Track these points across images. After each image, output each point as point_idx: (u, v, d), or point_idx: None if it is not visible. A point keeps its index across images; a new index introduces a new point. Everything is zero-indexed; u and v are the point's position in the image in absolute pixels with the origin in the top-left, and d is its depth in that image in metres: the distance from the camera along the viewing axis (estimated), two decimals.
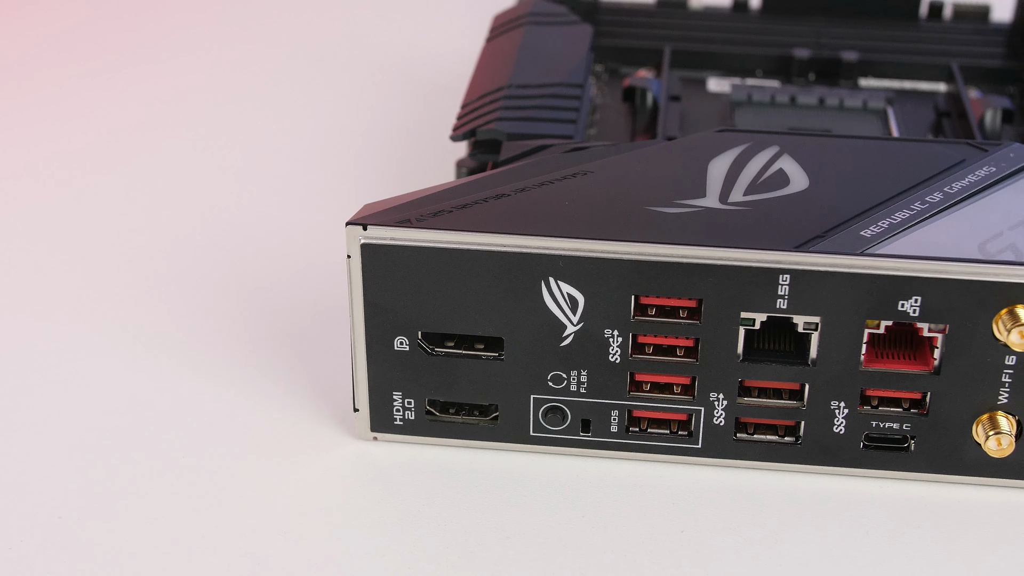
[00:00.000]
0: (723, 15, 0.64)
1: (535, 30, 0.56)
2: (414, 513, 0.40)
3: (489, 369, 0.41)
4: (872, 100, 0.56)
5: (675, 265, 0.39)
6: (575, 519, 0.40)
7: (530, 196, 0.41)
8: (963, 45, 0.62)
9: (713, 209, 0.41)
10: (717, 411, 0.41)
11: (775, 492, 0.41)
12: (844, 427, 0.41)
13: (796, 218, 0.40)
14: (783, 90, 0.57)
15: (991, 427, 0.40)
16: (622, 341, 0.40)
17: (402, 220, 0.40)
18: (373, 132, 0.62)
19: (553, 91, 0.51)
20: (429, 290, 0.40)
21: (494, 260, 0.39)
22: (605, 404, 0.41)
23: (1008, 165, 0.43)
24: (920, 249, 0.39)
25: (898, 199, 0.41)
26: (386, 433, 0.43)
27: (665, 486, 0.41)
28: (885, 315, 0.39)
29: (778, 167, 0.43)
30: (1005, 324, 0.38)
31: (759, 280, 0.39)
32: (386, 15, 0.76)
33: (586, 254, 0.39)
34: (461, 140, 0.49)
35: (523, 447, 0.42)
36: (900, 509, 0.40)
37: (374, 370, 0.41)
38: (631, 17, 0.64)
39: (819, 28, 0.63)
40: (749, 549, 0.39)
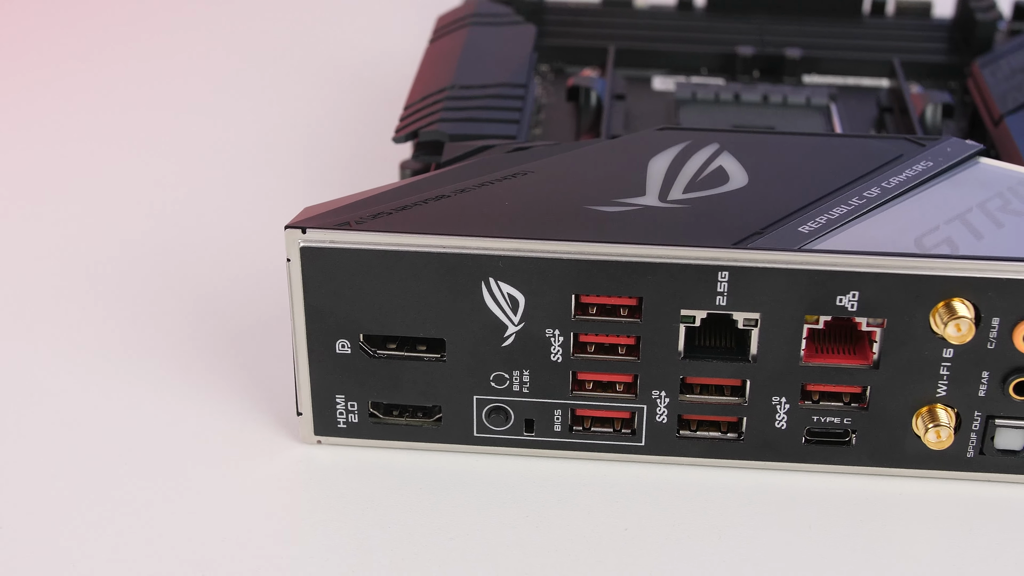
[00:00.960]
0: (668, 14, 0.65)
1: (478, 31, 0.56)
2: (358, 516, 0.40)
3: (431, 371, 0.41)
4: (815, 97, 0.57)
5: (614, 264, 0.39)
6: (520, 519, 0.40)
7: (470, 197, 0.41)
8: (905, 41, 0.62)
9: (652, 207, 0.41)
10: (660, 409, 0.41)
11: (718, 488, 0.41)
12: (785, 422, 0.41)
13: (735, 215, 0.40)
14: (727, 88, 0.57)
15: (930, 420, 0.40)
16: (563, 340, 0.40)
17: (341, 223, 0.40)
18: (319, 134, 0.62)
19: (496, 91, 0.51)
20: (369, 292, 0.40)
21: (433, 261, 0.39)
22: (548, 404, 0.41)
23: (945, 159, 0.43)
24: (857, 244, 0.39)
25: (836, 194, 0.41)
26: (330, 436, 0.42)
27: (609, 484, 0.41)
28: (823, 310, 0.39)
29: (718, 164, 0.43)
30: (942, 317, 0.39)
31: (698, 277, 0.39)
32: (332, 17, 0.76)
33: (525, 254, 0.39)
34: (403, 142, 0.49)
35: (467, 448, 0.42)
36: (842, 503, 0.41)
37: (316, 373, 0.41)
38: (577, 16, 0.64)
39: (763, 26, 0.63)
40: (692, 546, 0.39)
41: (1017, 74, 0.56)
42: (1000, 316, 0.39)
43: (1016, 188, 0.42)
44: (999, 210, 0.41)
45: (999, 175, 0.43)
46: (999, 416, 0.40)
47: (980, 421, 0.40)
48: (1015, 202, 0.41)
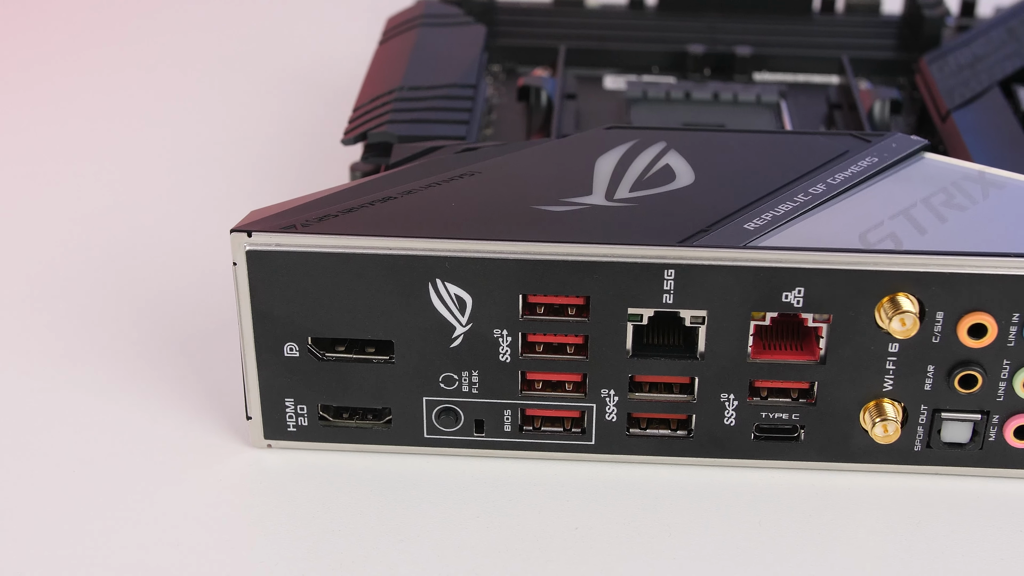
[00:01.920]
0: (620, 13, 0.65)
1: (428, 31, 0.56)
2: (308, 519, 0.40)
3: (380, 372, 0.41)
4: (765, 94, 0.57)
5: (561, 263, 0.39)
6: (470, 519, 0.40)
7: (417, 198, 0.41)
8: (855, 38, 0.63)
9: (599, 206, 0.41)
10: (609, 407, 0.41)
11: (668, 486, 0.41)
12: (734, 419, 0.41)
13: (681, 213, 0.40)
14: (678, 86, 0.58)
15: (877, 414, 0.40)
16: (512, 340, 0.40)
17: (287, 226, 0.40)
18: (270, 136, 0.62)
19: (445, 92, 0.51)
20: (317, 295, 0.40)
21: (380, 263, 0.39)
22: (497, 404, 0.41)
23: (890, 155, 0.44)
24: (802, 240, 0.39)
25: (782, 191, 0.41)
26: (280, 440, 0.42)
27: (560, 484, 0.41)
28: (770, 307, 0.39)
29: (664, 163, 0.43)
30: (887, 312, 0.39)
31: (644, 276, 0.39)
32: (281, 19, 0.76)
33: (472, 255, 0.39)
34: (352, 144, 0.49)
35: (418, 449, 0.42)
36: (791, 498, 0.41)
37: (265, 377, 0.41)
38: (528, 16, 0.64)
39: (714, 24, 0.63)
40: (643, 543, 0.39)
41: (964, 70, 0.56)
42: (944, 310, 0.39)
43: (960, 183, 0.42)
44: (943, 205, 0.41)
45: (943, 170, 0.43)
46: (945, 409, 0.40)
47: (926, 414, 0.41)
48: (959, 197, 0.42)
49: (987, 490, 0.41)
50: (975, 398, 0.40)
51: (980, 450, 0.41)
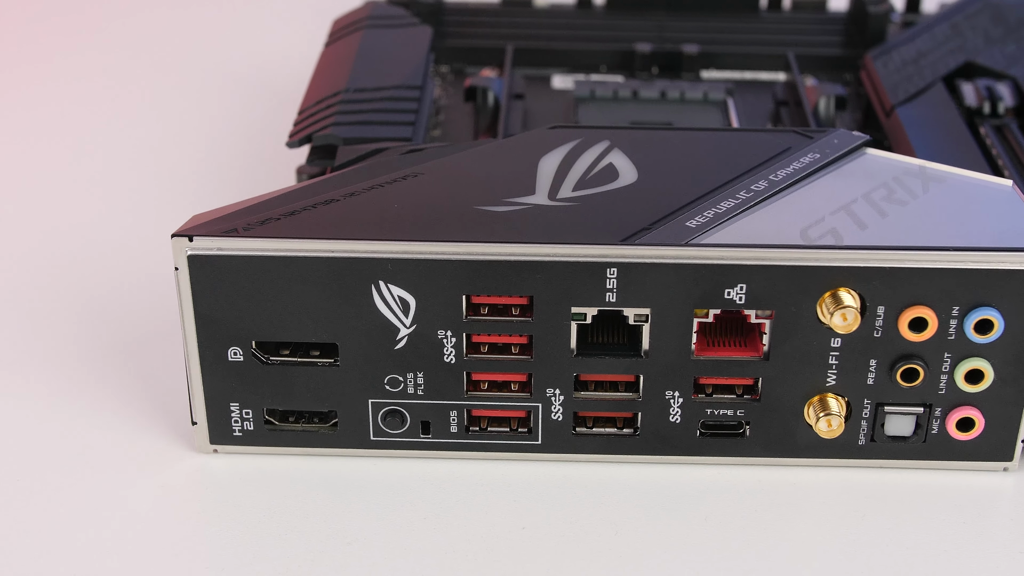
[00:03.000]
0: (567, 12, 0.65)
1: (373, 33, 0.56)
2: (255, 524, 0.40)
3: (325, 376, 0.41)
4: (712, 92, 0.57)
5: (503, 263, 0.39)
6: (417, 521, 0.40)
7: (359, 200, 0.41)
8: (801, 35, 0.63)
9: (542, 206, 0.41)
10: (555, 406, 0.41)
11: (615, 484, 0.41)
12: (680, 416, 0.41)
13: (624, 211, 0.40)
14: (626, 85, 0.58)
15: (821, 409, 0.40)
16: (456, 341, 0.40)
17: (228, 230, 0.40)
18: (216, 139, 0.61)
19: (391, 94, 0.51)
20: (260, 299, 0.40)
21: (322, 266, 0.39)
22: (443, 405, 0.41)
23: (832, 151, 0.44)
24: (744, 237, 0.39)
25: (724, 189, 0.42)
26: (226, 445, 0.42)
27: (507, 484, 0.41)
28: (712, 304, 0.39)
29: (608, 162, 0.43)
30: (828, 307, 0.39)
31: (587, 274, 0.39)
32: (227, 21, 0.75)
33: (415, 256, 0.39)
34: (297, 146, 0.49)
35: (364, 452, 0.42)
36: (737, 494, 0.41)
37: (209, 382, 0.41)
38: (476, 17, 0.64)
39: (662, 22, 0.63)
40: (590, 542, 0.39)
41: (908, 65, 0.57)
42: (885, 304, 0.39)
43: (901, 178, 0.43)
44: (884, 200, 0.41)
45: (885, 165, 0.43)
46: (888, 403, 0.41)
47: (870, 408, 0.41)
48: (899, 192, 0.42)
49: (931, 483, 0.41)
50: (917, 391, 0.40)
51: (923, 443, 0.41)
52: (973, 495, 0.41)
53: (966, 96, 0.55)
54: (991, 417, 0.41)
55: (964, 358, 0.40)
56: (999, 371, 0.40)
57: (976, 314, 0.39)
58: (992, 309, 0.39)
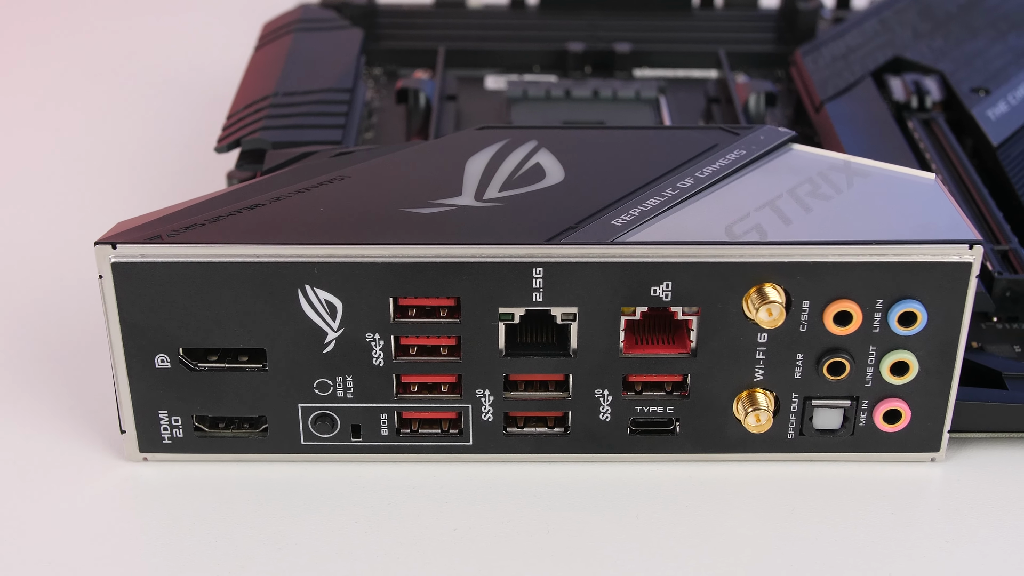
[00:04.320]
0: (501, 13, 0.65)
1: (303, 36, 0.56)
2: (185, 532, 0.39)
3: (254, 381, 0.41)
4: (644, 90, 0.57)
5: (429, 265, 0.39)
6: (348, 525, 0.40)
7: (285, 204, 0.41)
8: (733, 32, 0.63)
9: (468, 207, 0.41)
10: (485, 407, 0.41)
11: (547, 483, 0.41)
12: (610, 414, 0.41)
13: (550, 211, 0.41)
14: (558, 84, 0.58)
15: (750, 404, 0.41)
16: (384, 344, 0.40)
17: (152, 236, 0.39)
18: (146, 145, 0.61)
19: (320, 97, 0.51)
20: (185, 305, 0.39)
21: (247, 271, 0.39)
22: (373, 408, 0.41)
23: (758, 147, 0.44)
24: (669, 235, 0.40)
25: (650, 186, 0.42)
26: (156, 453, 0.42)
27: (439, 486, 0.41)
28: (639, 301, 0.40)
29: (535, 162, 0.43)
30: (754, 303, 0.39)
31: (513, 275, 0.39)
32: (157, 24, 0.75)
33: (340, 260, 0.39)
34: (226, 151, 0.48)
35: (295, 457, 0.42)
36: (668, 490, 0.41)
37: (137, 390, 0.41)
38: (409, 19, 0.64)
39: (595, 22, 0.64)
40: (521, 541, 0.39)
41: (837, 61, 0.57)
42: (810, 299, 0.39)
43: (826, 173, 0.43)
44: (808, 195, 0.42)
45: (810, 161, 0.44)
46: (816, 397, 0.41)
47: (798, 402, 0.41)
48: (824, 186, 0.42)
49: (859, 474, 0.42)
50: (844, 384, 0.41)
51: (852, 435, 0.42)
52: (901, 486, 0.41)
53: (894, 91, 0.55)
54: (917, 409, 0.41)
55: (889, 351, 0.40)
56: (924, 363, 0.40)
57: (900, 307, 0.39)
58: (915, 302, 0.39)
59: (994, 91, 0.55)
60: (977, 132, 0.53)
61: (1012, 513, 0.40)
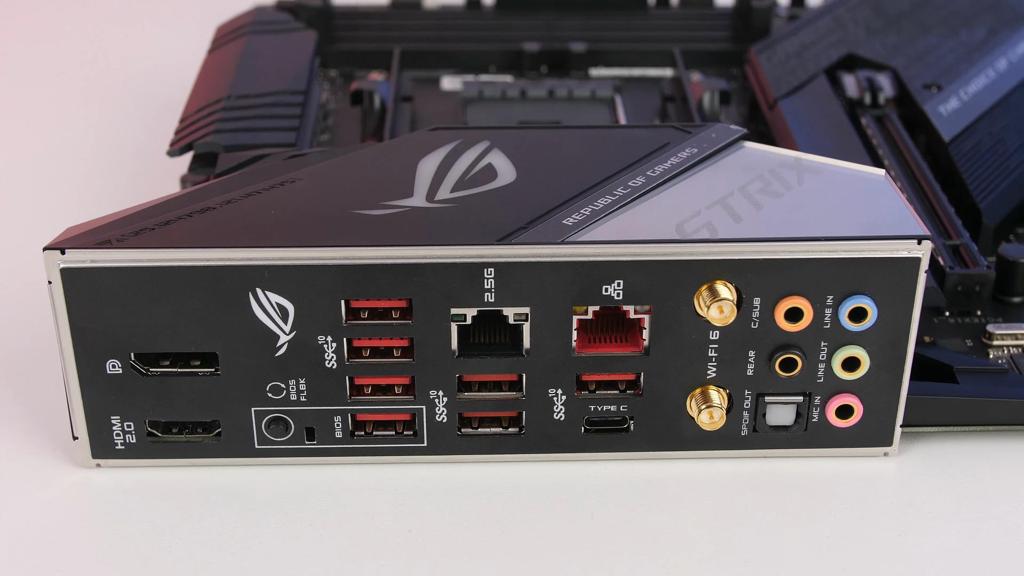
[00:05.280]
0: (457, 14, 0.65)
1: (257, 39, 0.56)
2: (137, 538, 0.39)
3: (206, 385, 0.40)
4: (600, 89, 0.57)
5: (380, 267, 0.39)
6: (302, 528, 0.40)
7: (236, 208, 0.41)
8: (689, 31, 0.63)
9: (419, 208, 0.41)
10: (439, 408, 0.41)
11: (502, 483, 0.41)
12: (564, 414, 0.41)
13: (501, 211, 0.41)
14: (514, 84, 0.58)
15: (703, 401, 0.41)
16: (337, 346, 0.40)
17: (102, 241, 0.39)
18: (99, 150, 0.61)
19: (274, 100, 0.51)
20: (136, 310, 0.39)
21: (198, 275, 0.39)
22: (327, 411, 0.41)
23: (710, 145, 0.44)
24: (620, 233, 0.40)
25: (601, 186, 0.42)
26: (109, 459, 0.42)
27: (393, 487, 0.41)
28: (591, 300, 0.40)
29: (487, 162, 0.43)
30: (705, 301, 0.39)
31: (464, 275, 0.39)
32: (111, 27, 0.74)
33: (291, 262, 0.39)
34: (178, 155, 0.48)
35: (249, 461, 0.42)
36: (623, 489, 0.41)
37: (89, 395, 0.40)
38: (365, 20, 0.64)
39: (551, 21, 0.64)
40: (476, 542, 0.39)
41: (791, 58, 0.58)
42: (761, 296, 0.40)
43: (777, 170, 0.43)
44: (759, 192, 0.42)
45: (761, 158, 0.44)
46: (768, 393, 0.41)
47: (751, 399, 0.41)
48: (775, 183, 0.42)
49: (813, 470, 0.42)
50: (796, 381, 0.41)
51: (805, 431, 0.42)
52: (855, 481, 0.41)
53: (847, 87, 0.56)
54: (869, 404, 0.41)
55: (840, 346, 0.40)
56: (875, 358, 0.41)
57: (850, 302, 0.40)
58: (865, 297, 0.40)
59: (946, 87, 0.55)
60: (929, 128, 0.53)
61: (964, 505, 0.41)
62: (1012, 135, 0.53)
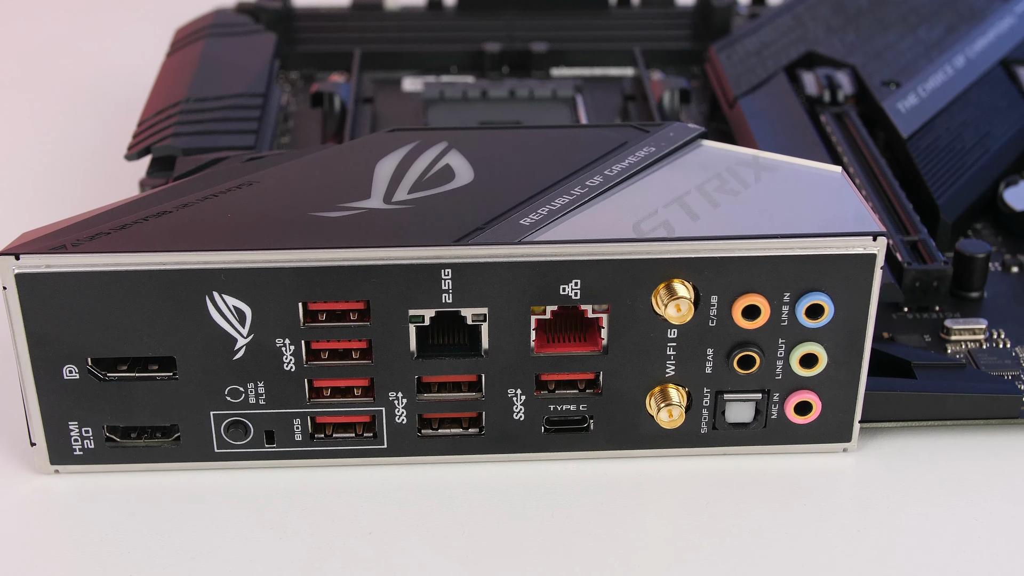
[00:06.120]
0: (418, 15, 0.65)
1: (215, 42, 0.56)
2: (97, 544, 0.39)
3: (165, 390, 0.40)
4: (561, 89, 0.58)
5: (337, 269, 0.39)
6: (263, 532, 0.40)
7: (193, 211, 0.41)
8: (650, 30, 0.64)
9: (376, 210, 0.41)
10: (398, 410, 0.41)
11: (463, 484, 0.41)
12: (523, 414, 0.41)
13: (459, 212, 0.41)
14: (475, 85, 0.58)
15: (662, 399, 0.41)
16: (295, 349, 0.40)
17: (57, 247, 0.39)
18: (57, 154, 0.60)
19: (233, 102, 0.51)
20: (92, 315, 0.39)
21: (154, 279, 0.39)
22: (286, 413, 0.41)
23: (667, 144, 0.44)
24: (577, 233, 0.40)
25: (559, 185, 0.42)
26: (67, 464, 0.41)
27: (354, 490, 0.41)
28: (548, 300, 0.40)
29: (445, 163, 0.43)
30: (662, 299, 0.39)
31: (422, 277, 0.39)
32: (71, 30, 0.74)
33: (247, 265, 0.39)
34: (137, 159, 0.48)
35: (209, 465, 0.42)
36: (584, 488, 0.41)
37: (46, 401, 0.40)
38: (326, 22, 0.64)
39: (512, 22, 0.64)
40: (437, 543, 0.39)
41: (751, 56, 0.58)
42: (718, 294, 0.40)
43: (734, 168, 0.43)
44: (716, 190, 0.42)
45: (719, 156, 0.44)
46: (727, 391, 0.41)
47: (710, 397, 0.41)
48: (732, 181, 0.42)
49: (772, 467, 0.42)
50: (755, 378, 0.41)
51: (764, 428, 0.42)
52: (814, 477, 0.42)
53: (807, 85, 0.56)
54: (828, 400, 0.41)
55: (798, 343, 0.41)
56: (832, 354, 0.41)
57: (807, 299, 0.40)
58: (822, 294, 0.40)
59: (904, 84, 0.55)
60: (888, 125, 0.53)
61: (922, 500, 0.41)
62: (969, 131, 0.53)
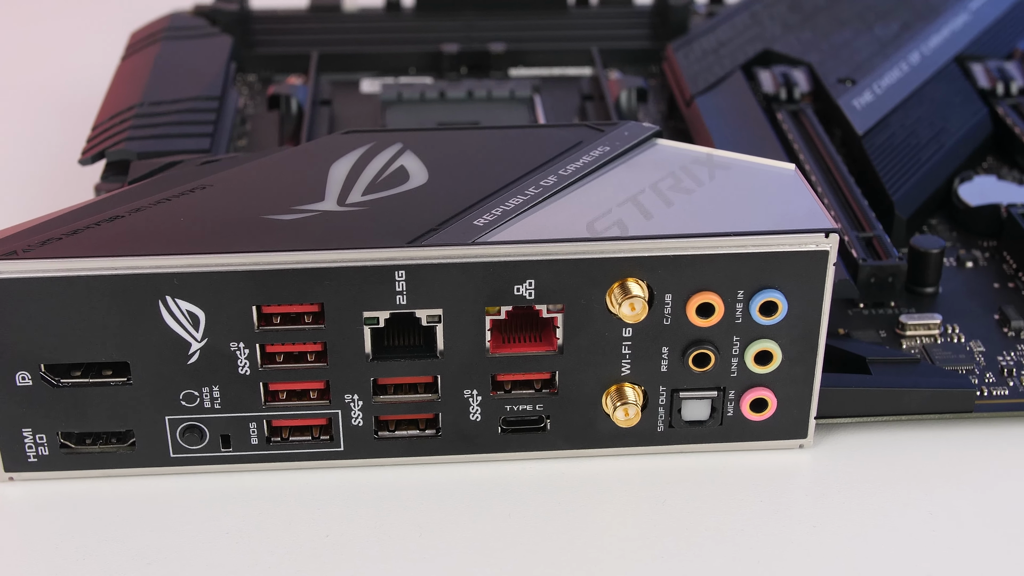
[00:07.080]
0: (376, 16, 0.65)
1: (171, 45, 0.55)
2: (51, 551, 0.39)
3: (119, 395, 0.40)
4: (519, 89, 0.58)
5: (291, 272, 0.39)
6: (219, 537, 0.39)
7: (145, 215, 0.40)
8: (608, 29, 0.64)
9: (330, 212, 0.41)
10: (354, 412, 0.41)
11: (420, 486, 0.41)
12: (480, 414, 0.41)
13: (413, 213, 0.40)
14: (433, 86, 0.58)
15: (618, 398, 0.41)
16: (250, 353, 0.40)
17: (8, 252, 0.39)
18: (10, 159, 0.60)
19: (188, 106, 0.50)
20: (45, 321, 0.39)
21: (106, 284, 0.38)
22: (242, 417, 0.41)
23: (622, 143, 0.44)
24: (531, 233, 0.40)
25: (513, 186, 0.42)
26: (22, 472, 0.41)
27: (311, 493, 0.41)
28: (503, 300, 0.40)
29: (399, 164, 0.43)
30: (616, 298, 0.40)
31: (375, 278, 0.39)
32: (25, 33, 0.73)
33: (200, 269, 0.39)
34: (91, 163, 0.48)
35: (165, 470, 0.41)
36: (541, 488, 0.41)
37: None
38: (284, 24, 0.64)
39: (471, 22, 0.64)
40: (394, 546, 0.39)
41: (709, 55, 0.58)
42: (672, 292, 0.40)
43: (688, 166, 0.43)
44: (670, 189, 0.42)
45: (673, 155, 0.44)
46: (683, 389, 0.41)
47: (666, 395, 0.41)
48: (686, 180, 0.43)
49: (729, 464, 0.42)
50: (710, 375, 0.41)
51: (720, 426, 0.42)
52: (771, 474, 0.42)
53: (763, 83, 0.56)
54: (783, 397, 0.42)
55: (752, 340, 0.41)
56: (787, 351, 0.41)
57: (760, 297, 0.40)
58: (775, 291, 0.40)
59: (860, 81, 0.55)
60: (843, 122, 0.54)
61: (877, 495, 0.41)
62: (924, 128, 0.53)
